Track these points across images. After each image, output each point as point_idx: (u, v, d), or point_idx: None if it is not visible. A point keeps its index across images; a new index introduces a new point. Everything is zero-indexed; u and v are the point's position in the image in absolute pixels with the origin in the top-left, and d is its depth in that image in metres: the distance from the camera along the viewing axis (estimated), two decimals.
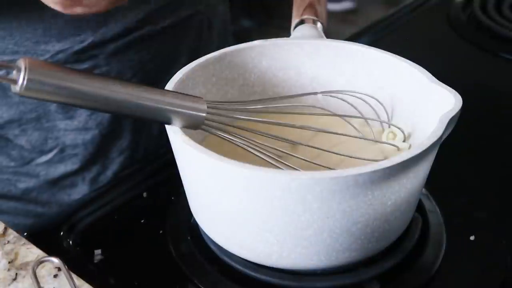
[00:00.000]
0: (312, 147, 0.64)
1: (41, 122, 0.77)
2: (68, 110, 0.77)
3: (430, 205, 0.67)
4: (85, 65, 0.76)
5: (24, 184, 0.81)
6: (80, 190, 0.81)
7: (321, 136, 0.66)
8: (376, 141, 0.65)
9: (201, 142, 0.58)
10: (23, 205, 0.82)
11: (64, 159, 0.80)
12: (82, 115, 0.78)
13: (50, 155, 0.79)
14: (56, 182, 0.81)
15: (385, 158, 0.61)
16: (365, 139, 0.65)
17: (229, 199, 0.55)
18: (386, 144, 0.65)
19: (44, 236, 0.66)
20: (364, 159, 0.61)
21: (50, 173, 0.80)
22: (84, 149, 0.80)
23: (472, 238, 0.65)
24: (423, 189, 0.65)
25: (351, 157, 0.62)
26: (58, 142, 0.79)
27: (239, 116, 0.63)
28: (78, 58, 0.75)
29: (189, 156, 0.55)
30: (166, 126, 0.57)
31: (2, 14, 0.71)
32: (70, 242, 0.65)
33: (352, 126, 0.67)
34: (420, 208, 0.65)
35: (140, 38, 0.79)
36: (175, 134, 0.55)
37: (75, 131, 0.78)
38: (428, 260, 0.62)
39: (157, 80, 0.68)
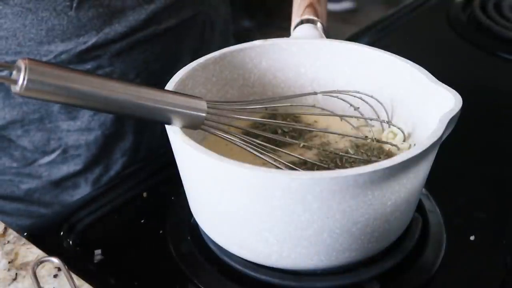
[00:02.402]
0: (312, 146, 0.65)
1: (43, 123, 0.77)
2: (71, 110, 0.77)
3: (430, 205, 0.67)
4: (88, 66, 0.76)
5: (26, 185, 0.81)
6: (82, 191, 0.81)
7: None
8: (376, 141, 0.65)
9: (201, 142, 0.58)
10: (25, 206, 0.82)
11: (66, 160, 0.80)
12: (85, 116, 0.78)
13: (52, 156, 0.79)
14: (59, 183, 0.81)
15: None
16: (365, 139, 0.65)
17: (229, 199, 0.55)
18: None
19: (44, 236, 0.66)
20: (361, 158, 0.62)
21: (53, 174, 0.80)
22: (87, 150, 0.80)
23: (472, 238, 0.65)
24: (423, 189, 0.65)
25: (349, 156, 0.62)
26: (61, 143, 0.79)
27: (239, 116, 0.63)
28: (82, 58, 0.75)
29: (189, 156, 0.55)
30: (166, 126, 0.57)
31: (6, 15, 0.71)
32: (70, 242, 0.65)
33: (352, 126, 0.67)
34: (420, 208, 0.65)
35: (144, 39, 0.79)
36: (175, 134, 0.55)
37: (77, 132, 0.78)
38: (428, 260, 0.62)
39: (160, 81, 0.67)
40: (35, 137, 0.78)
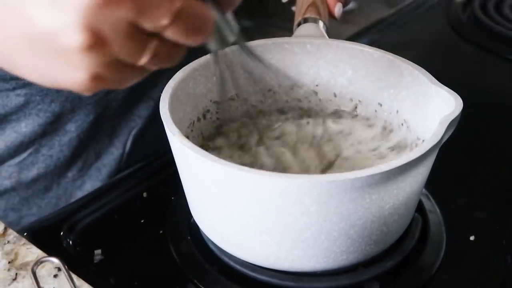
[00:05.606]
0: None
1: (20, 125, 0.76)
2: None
3: (430, 205, 0.67)
4: None
5: None
6: (54, 194, 0.80)
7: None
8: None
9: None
10: None
11: (38, 160, 0.78)
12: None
13: (24, 155, 0.77)
14: (29, 185, 0.79)
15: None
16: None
17: (227, 201, 0.55)
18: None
19: (44, 236, 0.66)
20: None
21: (23, 175, 0.78)
22: (60, 151, 0.78)
23: (472, 238, 0.65)
24: (423, 189, 0.65)
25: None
26: (34, 142, 0.77)
27: None
28: None
29: (188, 158, 0.55)
30: (166, 127, 0.56)
31: None
32: (70, 242, 0.65)
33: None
34: (420, 208, 0.65)
35: None
36: (174, 136, 0.55)
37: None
38: (428, 260, 0.62)
39: (156, 81, 0.67)
40: (9, 137, 0.76)
